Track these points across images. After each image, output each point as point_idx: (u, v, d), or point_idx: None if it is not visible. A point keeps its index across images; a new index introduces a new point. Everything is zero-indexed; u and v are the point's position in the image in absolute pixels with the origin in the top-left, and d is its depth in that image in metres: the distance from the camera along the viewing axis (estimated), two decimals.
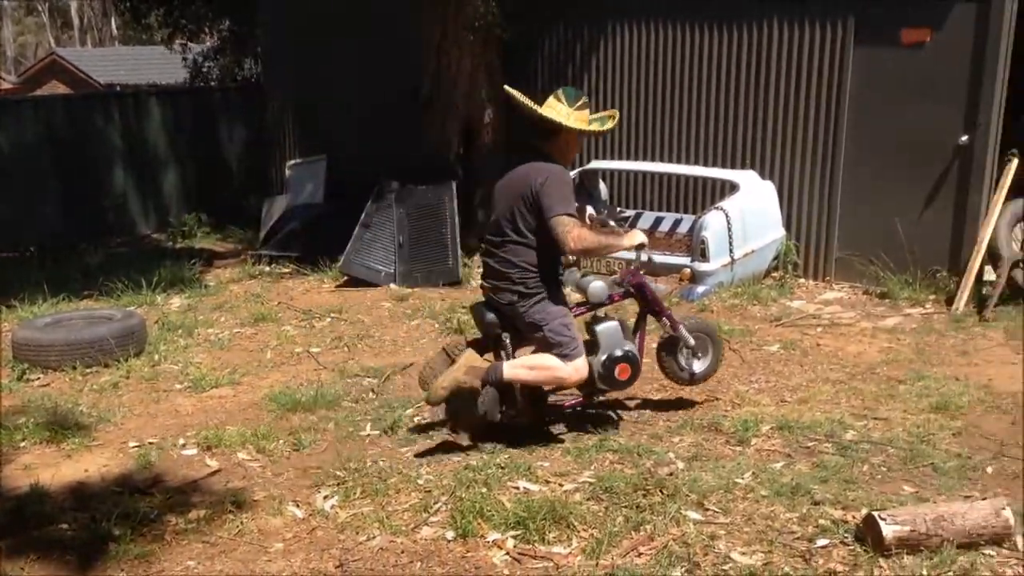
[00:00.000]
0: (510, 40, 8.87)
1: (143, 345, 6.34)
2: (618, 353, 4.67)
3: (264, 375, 5.95)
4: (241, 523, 3.97)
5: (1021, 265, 6.80)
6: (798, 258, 7.85)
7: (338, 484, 4.28)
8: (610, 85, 8.70)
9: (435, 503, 4.03)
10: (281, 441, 4.80)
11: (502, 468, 4.32)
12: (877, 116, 7.37)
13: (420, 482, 4.25)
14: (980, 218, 7.02)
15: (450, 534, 3.80)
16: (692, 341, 4.96)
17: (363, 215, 8.23)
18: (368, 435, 4.90)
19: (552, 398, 4.97)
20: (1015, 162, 7.21)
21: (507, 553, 3.64)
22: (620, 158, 8.76)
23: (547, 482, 4.20)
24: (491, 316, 4.64)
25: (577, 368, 4.54)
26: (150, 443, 4.85)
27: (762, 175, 7.92)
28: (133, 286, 7.93)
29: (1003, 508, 3.49)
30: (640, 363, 4.78)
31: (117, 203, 11.30)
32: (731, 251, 7.31)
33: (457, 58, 8.60)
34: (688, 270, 7.28)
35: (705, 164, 8.25)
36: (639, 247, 4.67)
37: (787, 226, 7.87)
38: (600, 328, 4.73)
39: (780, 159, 7.89)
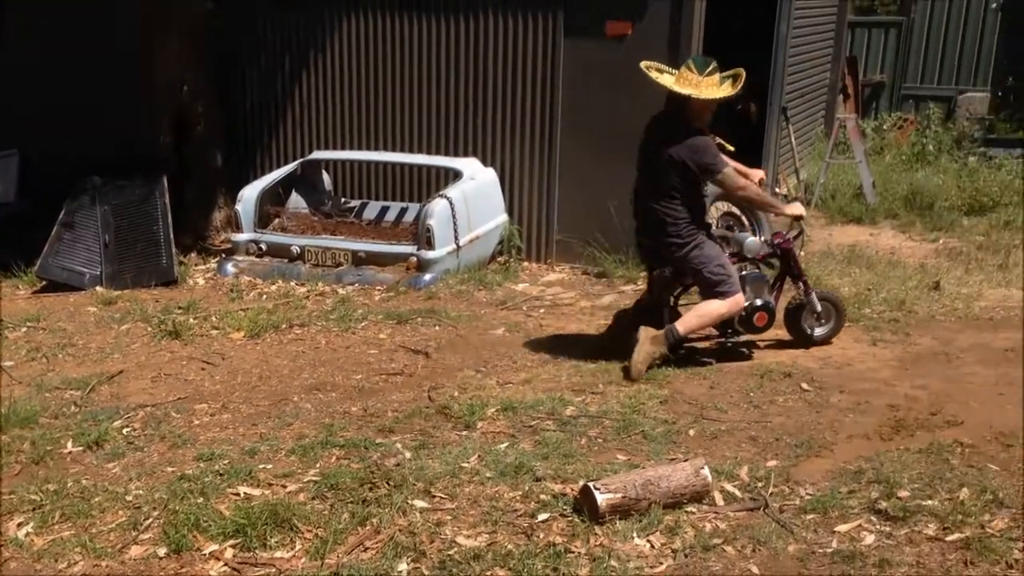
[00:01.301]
0: (223, 25, 8.47)
1: None
2: (759, 302, 5.40)
3: None
4: None
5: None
6: (521, 242, 8.07)
7: (34, 509, 3.89)
8: (330, 73, 8.51)
9: (145, 519, 3.77)
10: None
11: (220, 475, 4.11)
12: (589, 104, 7.69)
13: (129, 499, 3.96)
14: None
15: (162, 550, 3.56)
16: (819, 308, 5.60)
17: (62, 214, 7.54)
18: (70, 452, 4.48)
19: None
20: None
21: (225, 564, 3.46)
22: (343, 148, 8.61)
23: (270, 485, 4.04)
24: (655, 257, 5.46)
25: (736, 301, 5.30)
26: None
27: (484, 162, 8.07)
28: None
29: (702, 468, 3.75)
30: (775, 313, 5.48)
31: None
32: (456, 238, 7.38)
33: (165, 45, 8.09)
34: (414, 258, 7.28)
35: (428, 152, 8.29)
36: (798, 218, 5.42)
37: (510, 211, 8.07)
38: (749, 278, 5.44)
39: (500, 146, 8.07)
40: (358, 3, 8.29)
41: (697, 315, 5.36)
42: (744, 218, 7.80)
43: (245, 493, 3.95)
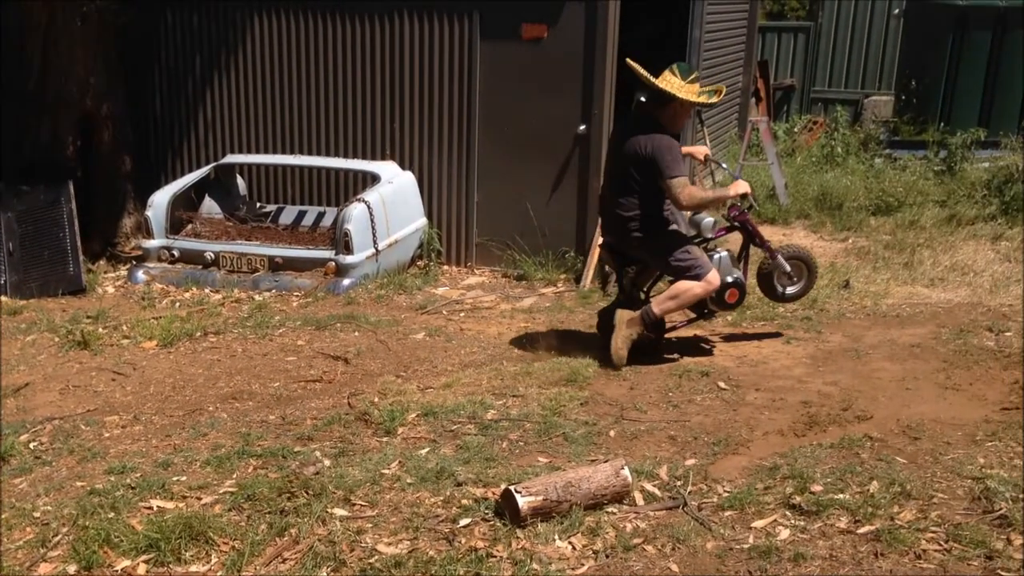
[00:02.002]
0: (129, 26, 8.26)
1: None
2: (729, 280, 5.52)
3: None
4: None
5: None
6: (441, 246, 8.05)
7: None
8: (244, 75, 8.37)
9: (54, 536, 3.63)
10: None
11: (132, 489, 4.00)
12: (506, 107, 7.72)
13: (37, 515, 3.82)
14: None
15: (72, 568, 3.43)
16: (787, 268, 5.81)
17: None
18: None
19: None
20: None
21: None
22: (258, 151, 8.47)
23: (184, 497, 3.94)
24: (619, 256, 5.63)
25: (709, 280, 5.38)
26: None
27: (402, 166, 8.02)
28: None
29: (622, 468, 3.77)
30: (746, 288, 5.65)
31: None
32: (375, 242, 7.32)
33: (68, 46, 7.84)
34: (332, 263, 7.20)
35: (345, 156, 8.21)
36: (743, 196, 5.51)
37: (429, 215, 8.04)
38: (713, 259, 5.55)
39: (418, 149, 8.03)
40: (271, 5, 8.16)
41: (672, 296, 5.44)
42: None
43: (158, 507, 3.84)
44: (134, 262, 7.79)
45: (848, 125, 12.19)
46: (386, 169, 7.84)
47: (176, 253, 7.54)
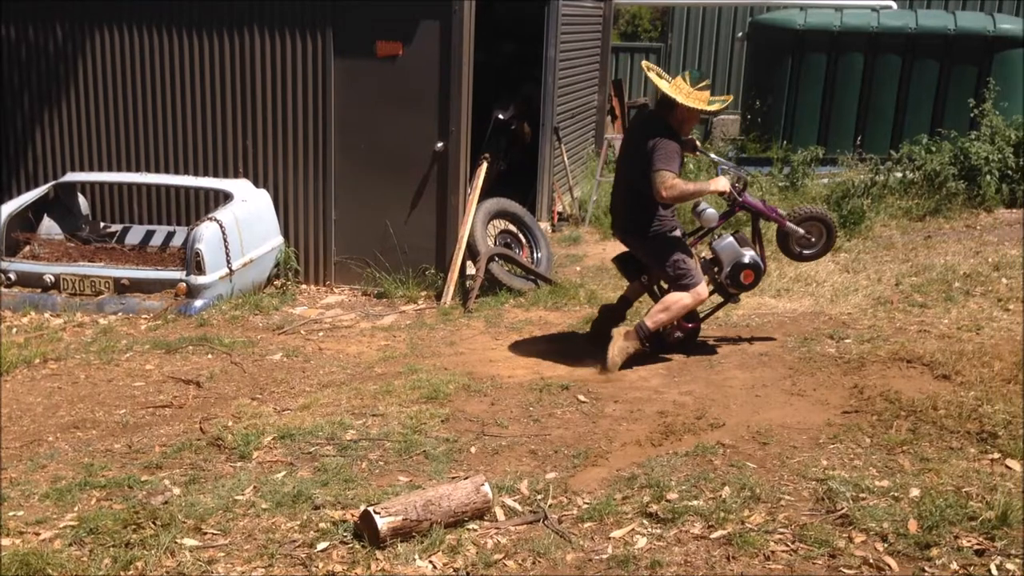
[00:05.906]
0: None
1: None
2: (745, 260, 5.69)
3: None
4: None
5: (496, 259, 7.49)
6: (298, 264, 7.88)
7: None
8: (86, 90, 7.99)
9: None
10: None
11: None
12: (363, 124, 7.63)
13: None
14: (459, 217, 7.60)
15: None
16: (801, 232, 5.96)
17: None
18: None
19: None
20: (485, 165, 7.96)
21: None
22: (102, 169, 8.10)
23: (20, 533, 3.72)
24: (633, 264, 5.92)
25: (698, 292, 5.62)
26: None
27: (256, 184, 7.82)
28: None
29: (482, 484, 3.76)
30: (761, 266, 5.78)
31: None
32: (228, 262, 7.10)
33: None
34: (183, 284, 6.94)
35: (197, 174, 7.94)
36: (723, 193, 5.63)
37: (285, 233, 7.85)
38: (720, 246, 5.79)
39: (273, 167, 7.84)
40: (116, 19, 7.83)
41: (663, 309, 5.65)
42: (521, 235, 8.01)
43: None
44: None
45: (700, 142, 12.59)
46: (239, 187, 7.62)
47: (12, 276, 7.12)
